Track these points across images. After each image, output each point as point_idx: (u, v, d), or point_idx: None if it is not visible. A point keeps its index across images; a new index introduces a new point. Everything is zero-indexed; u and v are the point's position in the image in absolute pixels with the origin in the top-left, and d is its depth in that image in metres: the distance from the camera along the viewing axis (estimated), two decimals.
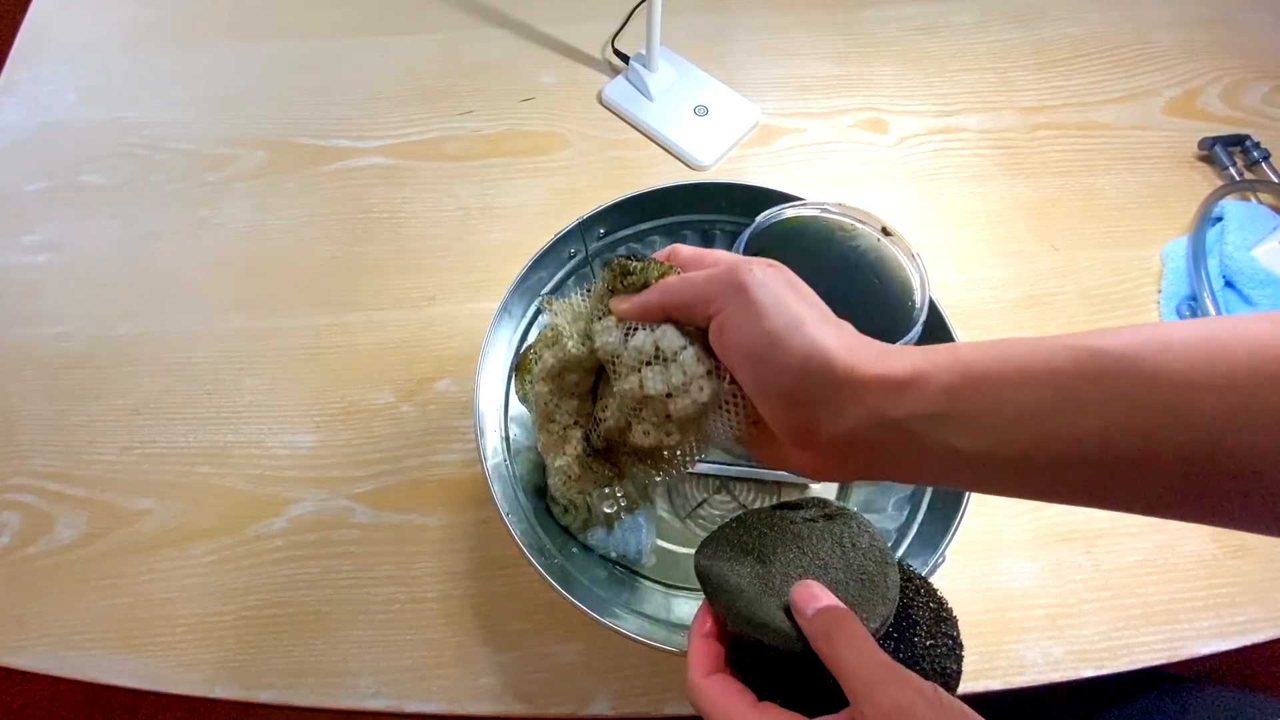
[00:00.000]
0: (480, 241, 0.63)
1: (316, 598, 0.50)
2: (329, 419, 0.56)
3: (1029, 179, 0.66)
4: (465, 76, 0.71)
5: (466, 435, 0.55)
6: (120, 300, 0.61)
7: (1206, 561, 0.51)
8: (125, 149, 0.68)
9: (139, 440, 0.55)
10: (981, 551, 0.51)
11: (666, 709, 0.47)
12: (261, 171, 0.67)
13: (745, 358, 0.28)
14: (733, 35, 0.74)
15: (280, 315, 0.60)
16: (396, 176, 0.66)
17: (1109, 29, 0.74)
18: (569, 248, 0.48)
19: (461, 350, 0.58)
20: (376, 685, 0.47)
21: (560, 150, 0.67)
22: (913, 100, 0.70)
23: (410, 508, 0.53)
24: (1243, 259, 0.58)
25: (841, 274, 0.39)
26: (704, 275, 0.29)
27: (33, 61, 0.73)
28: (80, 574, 0.51)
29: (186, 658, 0.48)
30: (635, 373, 0.31)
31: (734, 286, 0.28)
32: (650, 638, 0.37)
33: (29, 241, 0.64)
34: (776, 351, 0.27)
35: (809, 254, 0.40)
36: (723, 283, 0.28)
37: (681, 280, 0.30)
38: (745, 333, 0.28)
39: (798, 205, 0.39)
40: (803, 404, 0.27)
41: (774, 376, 0.27)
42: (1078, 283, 0.61)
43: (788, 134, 0.68)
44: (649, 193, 0.48)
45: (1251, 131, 0.66)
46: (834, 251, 0.39)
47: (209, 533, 0.52)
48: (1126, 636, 0.49)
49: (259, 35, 0.74)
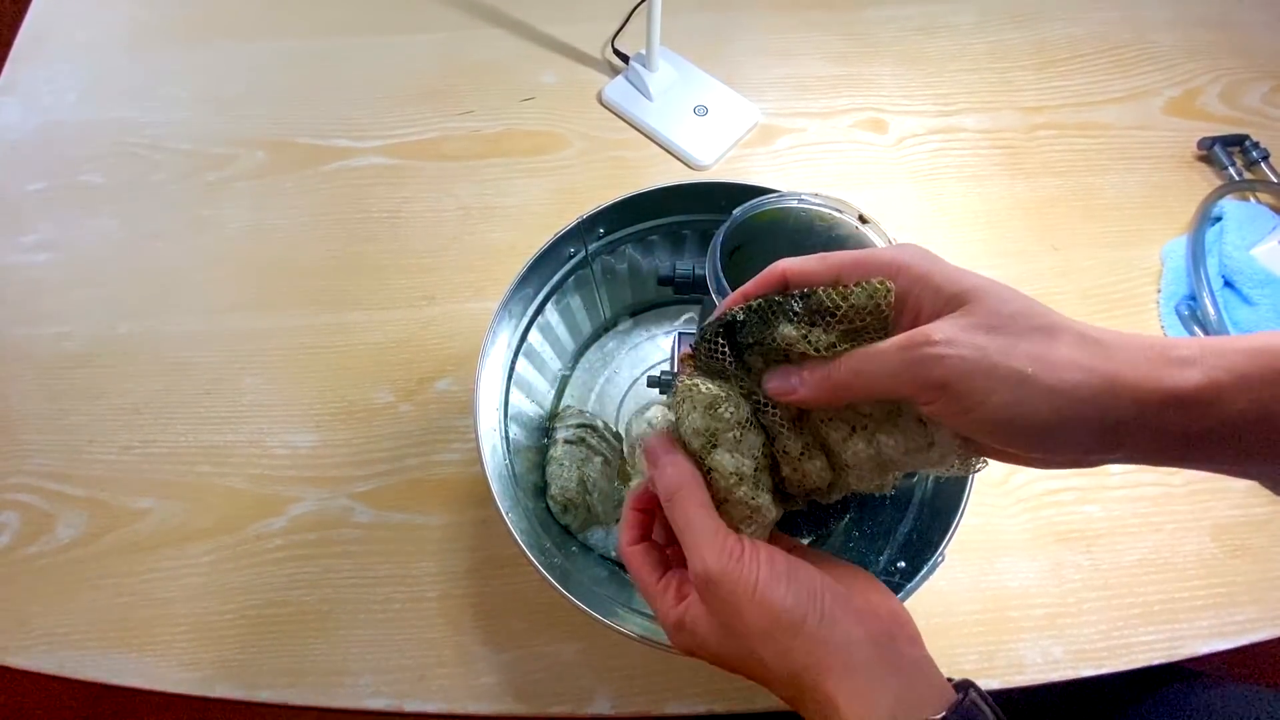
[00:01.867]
0: (480, 241, 0.63)
1: (316, 597, 0.50)
2: (329, 419, 0.56)
3: (1029, 179, 0.66)
4: (465, 76, 0.71)
5: (466, 435, 0.55)
6: (120, 300, 0.61)
7: (1206, 561, 0.51)
8: (125, 149, 0.68)
9: (139, 440, 0.55)
10: (981, 551, 0.51)
11: (667, 708, 0.47)
12: (261, 171, 0.67)
13: (983, 432, 0.25)
14: (733, 35, 0.74)
15: (280, 315, 0.60)
16: (396, 176, 0.66)
17: (1109, 29, 0.74)
18: (569, 248, 0.48)
19: (461, 350, 0.58)
20: (376, 685, 0.47)
21: (560, 150, 0.67)
22: (912, 100, 0.70)
23: (410, 507, 0.53)
24: (1242, 259, 0.58)
25: None
26: (886, 375, 0.25)
27: (33, 61, 0.73)
28: (80, 574, 0.51)
29: (186, 657, 0.49)
30: (857, 436, 0.28)
31: (934, 386, 0.24)
32: (650, 637, 0.37)
33: (29, 241, 0.64)
34: (1018, 422, 0.24)
35: (792, 245, 0.39)
36: (917, 385, 0.25)
37: (864, 382, 0.26)
38: (971, 418, 0.24)
39: (775, 197, 0.38)
40: (1066, 447, 0.25)
41: (1027, 440, 0.24)
42: (1077, 282, 0.61)
43: (787, 134, 0.68)
44: (649, 192, 0.48)
45: (1251, 131, 0.66)
46: (816, 241, 0.39)
47: (209, 532, 0.52)
48: (1126, 636, 0.49)
49: (259, 35, 0.74)
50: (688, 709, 0.47)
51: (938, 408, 0.25)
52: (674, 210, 0.49)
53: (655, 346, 0.58)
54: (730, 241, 0.38)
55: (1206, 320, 0.57)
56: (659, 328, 0.59)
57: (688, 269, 0.42)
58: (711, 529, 0.28)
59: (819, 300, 0.26)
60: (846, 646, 0.26)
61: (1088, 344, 0.24)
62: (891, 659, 0.27)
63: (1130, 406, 0.23)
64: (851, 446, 0.29)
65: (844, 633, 0.27)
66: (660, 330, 0.59)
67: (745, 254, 0.40)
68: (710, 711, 0.47)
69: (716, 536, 0.28)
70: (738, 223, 0.38)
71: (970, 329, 0.24)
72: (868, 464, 0.29)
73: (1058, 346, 0.24)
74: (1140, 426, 0.23)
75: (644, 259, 0.53)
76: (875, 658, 0.26)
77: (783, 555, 0.28)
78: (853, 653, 0.26)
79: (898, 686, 0.26)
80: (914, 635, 0.29)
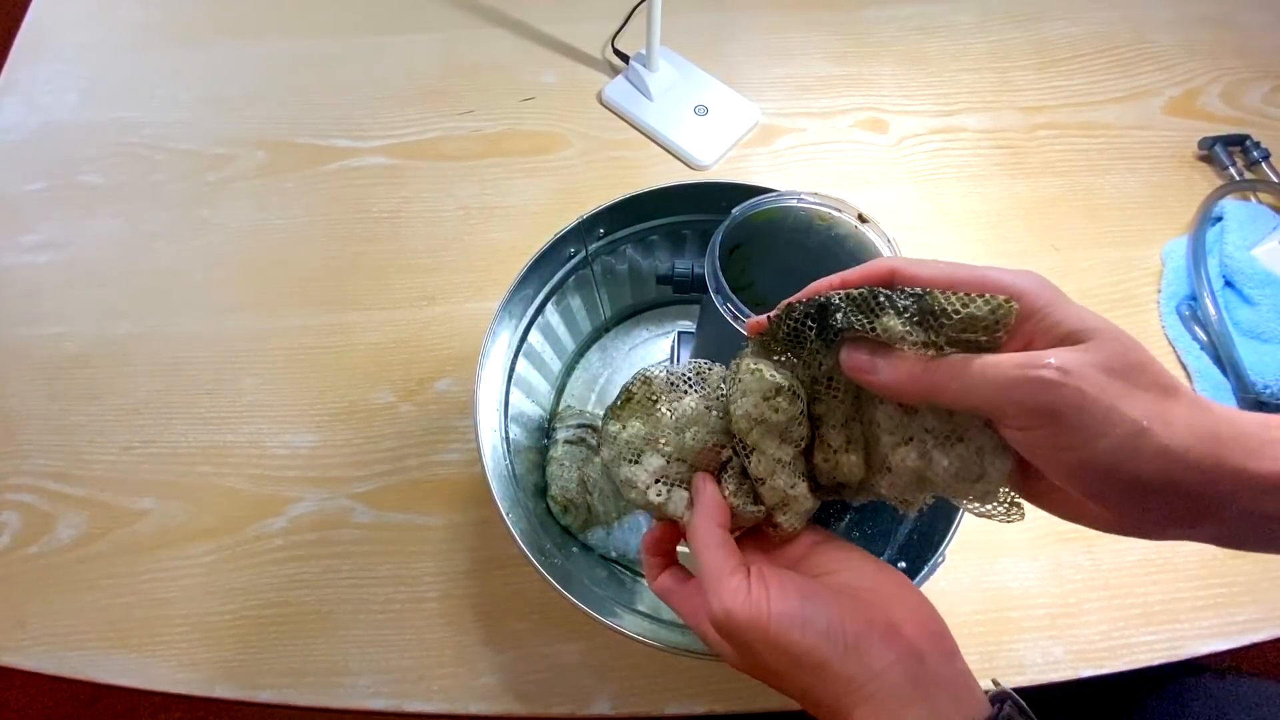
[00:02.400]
0: (480, 241, 0.63)
1: (316, 598, 0.50)
2: (329, 419, 0.56)
3: (1029, 179, 0.66)
4: (465, 76, 0.71)
5: (466, 435, 0.55)
6: (120, 300, 0.61)
7: (1206, 561, 0.51)
8: (125, 149, 0.68)
9: (139, 440, 0.55)
10: (981, 551, 0.51)
11: (667, 709, 0.47)
12: (261, 171, 0.67)
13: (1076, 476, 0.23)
14: (733, 35, 0.74)
15: (280, 315, 0.60)
16: (396, 176, 0.66)
17: (1109, 29, 0.74)
18: (569, 248, 0.48)
19: (461, 350, 0.58)
20: (376, 685, 0.47)
21: (560, 150, 0.67)
22: (913, 100, 0.70)
23: (410, 507, 0.53)
24: (1243, 259, 0.58)
25: (823, 263, 0.39)
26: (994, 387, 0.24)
27: (33, 61, 0.73)
28: (80, 574, 0.51)
29: (186, 658, 0.48)
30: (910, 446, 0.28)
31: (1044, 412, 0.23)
32: (650, 638, 0.37)
33: (29, 241, 0.64)
34: (1120, 473, 0.23)
35: (791, 244, 0.39)
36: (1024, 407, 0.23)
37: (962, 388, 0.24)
38: (1071, 457, 0.23)
39: (774, 196, 0.38)
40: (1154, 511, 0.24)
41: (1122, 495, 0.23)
42: (1078, 283, 0.61)
43: (788, 134, 0.68)
44: (649, 193, 0.48)
45: (1251, 131, 0.66)
46: (815, 241, 0.39)
47: (209, 533, 0.52)
48: (1126, 636, 0.49)
49: (259, 35, 0.74)
50: (688, 709, 0.47)
51: (1037, 436, 0.23)
52: (674, 210, 0.49)
53: (655, 346, 0.58)
54: (729, 240, 0.38)
55: (1207, 320, 0.57)
56: (659, 328, 0.59)
57: (686, 267, 0.42)
58: (717, 570, 0.27)
59: (935, 301, 0.25)
60: (874, 677, 0.25)
61: (1202, 411, 0.23)
62: (922, 679, 0.26)
63: (1230, 483, 0.22)
64: (902, 453, 0.28)
65: (871, 662, 0.25)
66: (660, 330, 0.59)
67: (744, 253, 0.40)
68: (710, 711, 0.47)
69: (723, 579, 0.27)
70: (737, 221, 0.38)
71: (1093, 366, 0.22)
72: (909, 476, 0.28)
73: (1175, 407, 0.23)
74: (1234, 504, 0.23)
75: (644, 259, 0.53)
76: (904, 680, 0.25)
77: (795, 589, 0.27)
78: (881, 681, 0.25)
79: (927, 709, 0.25)
80: (949, 649, 0.27)
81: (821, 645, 0.26)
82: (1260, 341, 0.57)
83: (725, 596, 0.27)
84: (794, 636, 0.26)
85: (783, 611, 0.26)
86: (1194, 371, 0.57)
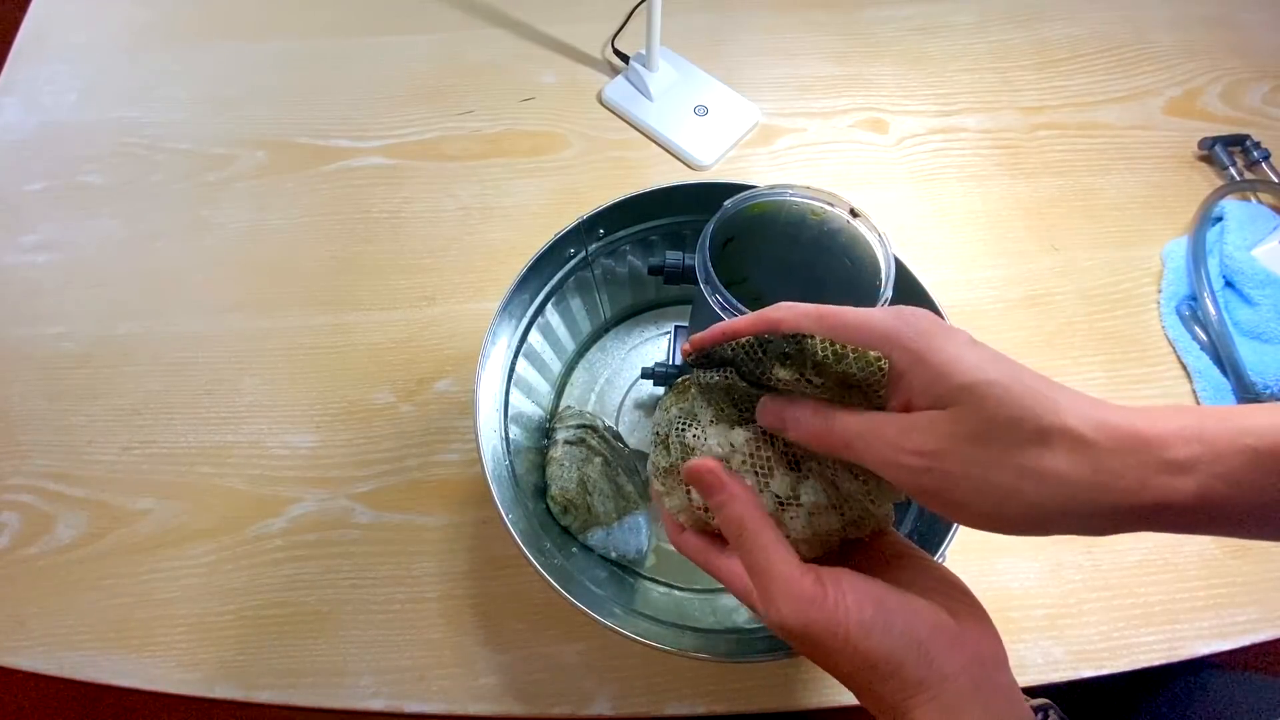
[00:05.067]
0: (480, 241, 0.63)
1: (316, 598, 0.50)
2: (329, 419, 0.56)
3: (1029, 179, 0.66)
4: (465, 76, 0.71)
5: (466, 435, 0.55)
6: (120, 300, 0.61)
7: (1206, 561, 0.51)
8: (125, 149, 0.68)
9: (139, 440, 0.55)
10: (981, 551, 0.51)
11: (667, 709, 0.47)
12: (261, 171, 0.67)
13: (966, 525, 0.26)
14: (733, 35, 0.74)
15: (280, 315, 0.60)
16: (396, 176, 0.66)
17: (1109, 29, 0.74)
18: (569, 248, 0.48)
19: (461, 350, 0.58)
20: (376, 685, 0.47)
21: (560, 150, 0.67)
22: (913, 100, 0.70)
23: (410, 508, 0.53)
24: (1243, 259, 0.58)
25: (816, 257, 0.39)
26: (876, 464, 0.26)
27: (33, 61, 0.73)
28: (80, 574, 0.51)
29: (186, 658, 0.48)
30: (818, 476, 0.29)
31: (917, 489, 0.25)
32: (650, 638, 0.37)
33: (29, 241, 0.64)
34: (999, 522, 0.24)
35: (784, 238, 0.39)
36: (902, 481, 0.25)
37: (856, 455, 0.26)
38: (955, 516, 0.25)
39: (767, 189, 0.38)
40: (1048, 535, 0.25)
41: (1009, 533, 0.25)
42: (1078, 283, 0.61)
43: (788, 134, 0.68)
44: (649, 193, 0.48)
45: (1251, 131, 0.66)
46: (807, 235, 0.39)
47: (209, 533, 0.52)
48: (1126, 636, 0.49)
49: (259, 35, 0.74)
50: (688, 710, 0.47)
51: (923, 500, 0.26)
52: (674, 211, 0.49)
53: (655, 347, 0.58)
54: (722, 233, 0.38)
55: (1207, 320, 0.57)
56: (659, 328, 0.59)
57: (677, 258, 0.41)
58: (785, 575, 0.27)
59: (814, 349, 0.26)
60: (942, 680, 0.26)
61: (1080, 451, 0.23)
62: (983, 686, 0.26)
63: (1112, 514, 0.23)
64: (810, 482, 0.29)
65: (941, 666, 0.26)
66: (660, 331, 0.59)
67: (738, 246, 0.40)
68: (710, 711, 0.47)
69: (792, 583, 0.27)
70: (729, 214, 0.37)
71: (959, 440, 0.24)
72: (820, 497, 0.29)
73: (1048, 457, 0.23)
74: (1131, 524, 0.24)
75: (644, 260, 0.53)
76: (967, 686, 0.26)
77: (869, 596, 0.27)
78: (947, 685, 0.26)
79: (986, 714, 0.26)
80: (1002, 659, 0.28)
81: (897, 651, 0.26)
82: (1260, 341, 0.57)
83: (802, 604, 0.26)
84: (871, 644, 0.26)
85: (861, 620, 0.26)
86: (1194, 371, 0.57)
